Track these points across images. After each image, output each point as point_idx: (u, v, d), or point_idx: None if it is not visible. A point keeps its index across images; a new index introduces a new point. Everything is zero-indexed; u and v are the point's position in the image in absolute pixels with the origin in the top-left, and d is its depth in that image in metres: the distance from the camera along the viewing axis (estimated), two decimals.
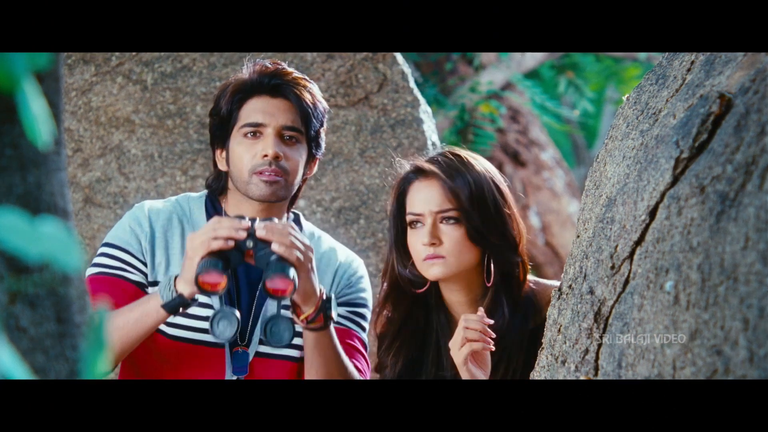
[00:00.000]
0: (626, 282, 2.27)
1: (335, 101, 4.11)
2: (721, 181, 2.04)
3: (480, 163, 2.96)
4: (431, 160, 2.96)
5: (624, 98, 2.69)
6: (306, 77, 3.05)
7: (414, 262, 2.94)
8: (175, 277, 2.81)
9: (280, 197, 2.98)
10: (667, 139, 2.28)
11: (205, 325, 2.95)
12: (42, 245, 1.21)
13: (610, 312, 2.30)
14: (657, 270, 2.13)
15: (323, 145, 3.08)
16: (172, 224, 3.01)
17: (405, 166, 3.00)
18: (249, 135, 2.97)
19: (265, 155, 2.94)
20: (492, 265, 2.91)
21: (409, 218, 2.94)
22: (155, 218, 3.00)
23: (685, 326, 2.01)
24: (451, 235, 2.89)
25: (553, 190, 8.20)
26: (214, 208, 3.07)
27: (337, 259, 3.11)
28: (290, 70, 3.03)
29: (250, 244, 2.77)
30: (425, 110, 4.19)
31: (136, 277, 2.99)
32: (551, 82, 8.20)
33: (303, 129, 3.00)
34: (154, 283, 2.98)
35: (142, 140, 4.06)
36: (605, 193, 2.51)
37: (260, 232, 2.77)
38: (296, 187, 3.03)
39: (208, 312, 2.95)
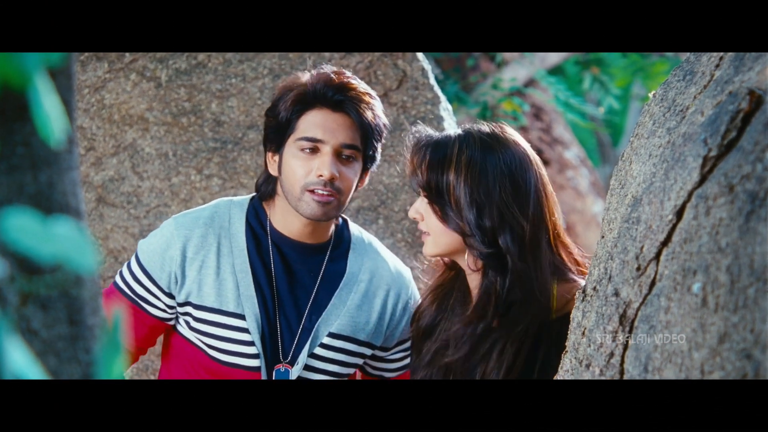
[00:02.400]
0: (652, 284, 2.26)
1: None
2: (751, 180, 2.03)
3: (512, 140, 2.87)
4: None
5: (650, 95, 2.68)
6: (370, 92, 3.00)
7: None
8: None
9: (331, 217, 2.96)
10: (694, 137, 2.27)
11: (240, 348, 2.94)
12: (54, 246, 1.22)
13: (636, 314, 2.29)
14: (684, 271, 2.13)
15: (378, 159, 3.04)
16: (206, 242, 2.98)
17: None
18: (306, 150, 2.92)
19: (321, 175, 2.90)
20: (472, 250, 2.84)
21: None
22: (188, 237, 2.98)
23: (713, 329, 2.01)
24: (427, 211, 2.87)
25: (578, 190, 8.19)
26: (257, 217, 3.03)
27: (390, 274, 3.09)
28: (355, 83, 2.97)
29: None
30: (446, 108, 4.19)
31: (157, 312, 3.00)
32: (576, 78, 8.18)
33: (361, 147, 2.96)
34: (184, 304, 2.98)
35: (156, 138, 4.07)
36: (631, 193, 2.51)
37: None
38: (347, 203, 3.00)
39: (244, 336, 2.94)
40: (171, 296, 2.97)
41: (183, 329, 3.00)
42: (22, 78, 1.23)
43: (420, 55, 4.17)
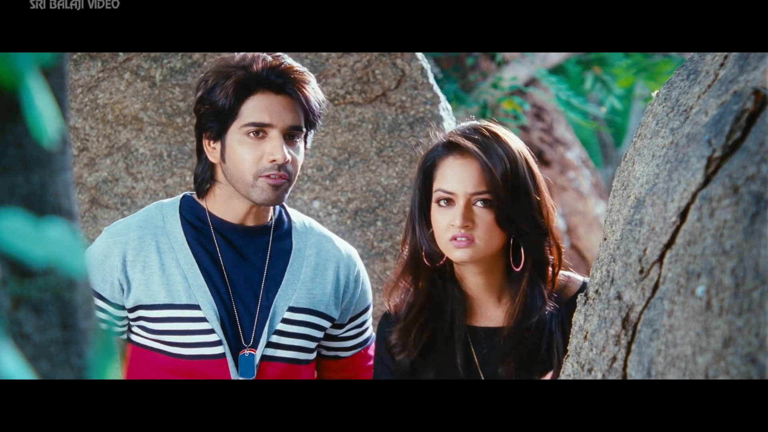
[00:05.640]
0: (656, 287, 2.26)
1: (351, 98, 4.11)
2: (756, 181, 2.04)
3: (515, 142, 2.94)
4: (467, 137, 2.93)
5: (653, 95, 2.68)
6: (305, 70, 3.04)
7: (434, 238, 2.93)
8: None
9: (281, 200, 3.00)
10: (698, 138, 2.27)
11: (201, 338, 2.96)
12: (47, 248, 1.22)
13: (639, 318, 2.29)
14: (688, 274, 2.13)
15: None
16: (144, 243, 3.01)
17: (439, 137, 2.98)
18: (252, 134, 2.96)
19: (273, 160, 2.93)
20: (522, 250, 2.91)
21: (438, 194, 2.91)
22: (124, 242, 3.00)
23: (717, 333, 2.01)
24: (483, 218, 2.88)
25: (579, 191, 8.19)
26: (192, 211, 3.06)
27: (335, 249, 3.13)
28: (291, 63, 3.01)
29: None
30: (445, 107, 4.19)
31: (118, 328, 3.02)
32: (577, 77, 8.19)
33: (306, 127, 3.01)
34: (135, 309, 2.99)
35: (150, 139, 4.07)
36: (634, 194, 2.51)
37: None
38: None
39: (203, 326, 2.96)
40: (120, 307, 2.99)
41: (138, 337, 3.03)
42: (14, 77, 1.23)
43: (419, 54, 4.18)
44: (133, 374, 3.06)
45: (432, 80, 4.17)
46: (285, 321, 3.02)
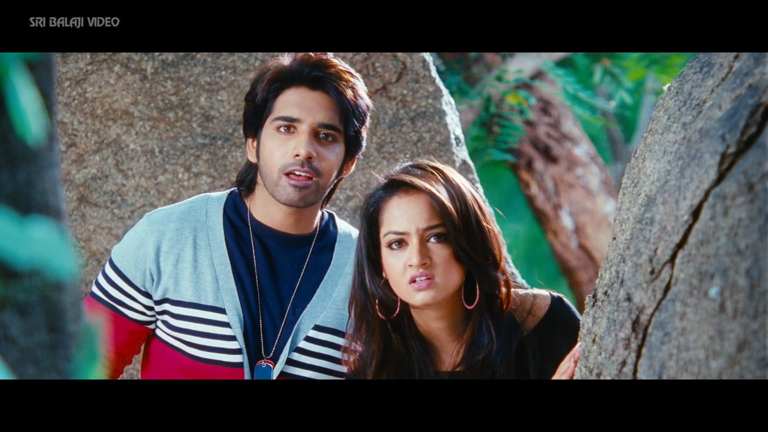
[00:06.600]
0: (667, 288, 2.26)
1: None
2: None
3: (457, 176, 2.93)
4: (409, 173, 2.91)
5: (665, 88, 2.68)
6: (352, 71, 3.01)
7: (390, 286, 2.88)
8: None
9: (309, 203, 2.96)
10: (712, 133, 2.27)
11: (221, 344, 2.95)
12: (33, 248, 1.22)
13: (650, 320, 2.29)
14: (701, 275, 2.12)
15: (363, 144, 3.04)
16: (182, 236, 3.00)
17: (378, 179, 2.94)
18: (282, 129, 2.94)
19: (297, 155, 2.91)
20: (476, 286, 2.88)
21: (388, 238, 2.86)
22: (162, 231, 2.99)
23: (732, 336, 2.01)
24: (440, 254, 2.84)
25: (588, 188, 8.19)
26: (236, 210, 3.05)
27: None
28: (335, 61, 2.99)
29: None
30: (448, 101, 4.19)
31: (136, 315, 3.02)
32: (586, 71, 8.18)
33: (341, 128, 2.96)
34: (161, 302, 2.99)
35: (141, 134, 4.07)
36: (644, 192, 2.51)
37: None
38: (329, 189, 3.01)
39: (225, 331, 2.95)
40: (148, 295, 2.99)
41: (162, 333, 3.02)
42: None
43: None
44: (151, 369, 3.05)
45: (434, 73, 4.17)
46: (308, 339, 3.00)
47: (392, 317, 2.91)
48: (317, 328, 3.01)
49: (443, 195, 2.86)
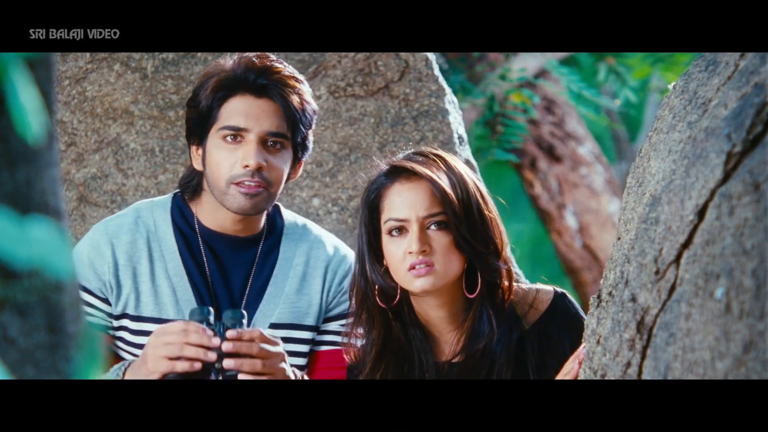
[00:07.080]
0: (672, 288, 2.26)
1: (352, 90, 4.11)
2: None
3: (459, 162, 2.93)
4: (411, 160, 2.91)
5: (670, 87, 2.68)
6: (297, 75, 2.99)
7: (390, 273, 2.89)
8: (126, 368, 2.80)
9: (261, 210, 2.96)
10: (717, 132, 2.27)
11: None
12: (32, 248, 1.22)
13: (655, 321, 2.29)
14: (706, 275, 2.12)
15: (310, 147, 3.03)
16: (136, 248, 2.98)
17: (380, 166, 2.95)
18: (228, 139, 2.92)
19: (247, 165, 2.89)
20: (478, 275, 2.89)
21: (389, 225, 2.87)
22: (117, 244, 2.97)
23: (738, 337, 2.00)
24: (440, 242, 2.85)
25: (592, 188, 8.18)
26: (183, 216, 3.03)
27: (326, 254, 3.09)
28: (280, 66, 2.96)
29: (218, 365, 2.70)
30: (451, 100, 4.19)
31: (98, 321, 2.99)
32: (590, 69, 8.17)
33: (289, 134, 2.95)
34: (120, 317, 2.97)
35: (141, 133, 4.07)
36: (649, 191, 2.51)
37: (228, 363, 2.68)
38: (278, 195, 3.00)
39: None
40: (107, 302, 2.98)
41: (118, 350, 3.02)
42: None
43: None
44: None
45: (437, 72, 4.17)
46: None
47: (392, 305, 2.91)
48: (273, 326, 3.01)
49: (444, 182, 2.86)
